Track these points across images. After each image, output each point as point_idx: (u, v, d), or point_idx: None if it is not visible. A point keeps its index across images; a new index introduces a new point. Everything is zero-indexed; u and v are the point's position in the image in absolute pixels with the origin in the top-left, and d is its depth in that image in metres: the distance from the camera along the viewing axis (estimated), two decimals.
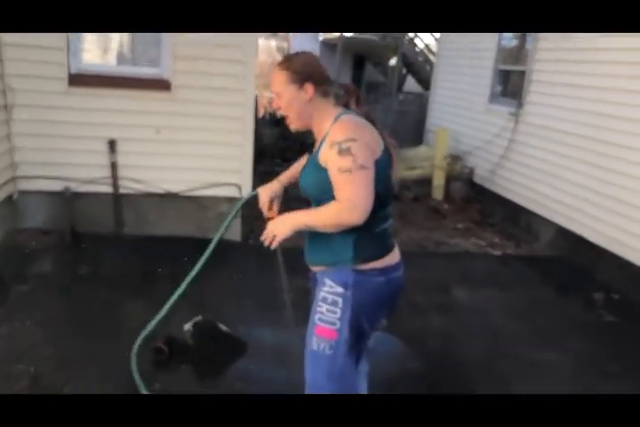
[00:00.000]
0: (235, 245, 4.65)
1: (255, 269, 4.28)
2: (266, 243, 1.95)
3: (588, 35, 4.77)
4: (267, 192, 2.22)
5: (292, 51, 21.55)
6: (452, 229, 6.03)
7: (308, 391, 2.10)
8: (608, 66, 4.68)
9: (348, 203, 1.75)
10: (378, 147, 1.86)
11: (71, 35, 4.21)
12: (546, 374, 3.14)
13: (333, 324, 1.94)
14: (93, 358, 2.92)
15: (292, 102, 1.90)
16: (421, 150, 7.92)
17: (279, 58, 10.07)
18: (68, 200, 4.46)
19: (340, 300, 1.94)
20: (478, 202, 6.71)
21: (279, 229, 1.91)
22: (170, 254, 4.40)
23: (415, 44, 14.75)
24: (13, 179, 4.37)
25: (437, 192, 6.95)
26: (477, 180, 6.84)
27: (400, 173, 7.18)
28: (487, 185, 6.61)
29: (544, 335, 3.64)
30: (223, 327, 3.15)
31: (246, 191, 4.68)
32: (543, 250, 5.45)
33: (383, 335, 3.36)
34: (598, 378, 3.14)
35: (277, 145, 8.36)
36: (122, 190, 4.57)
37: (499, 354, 3.36)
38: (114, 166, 4.50)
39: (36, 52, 4.19)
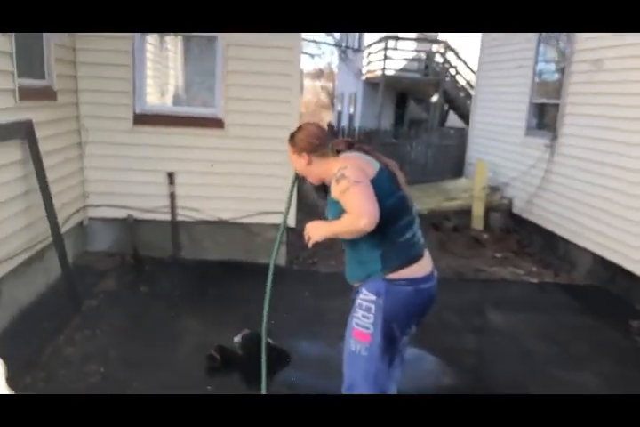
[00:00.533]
0: (280, 270, 4.96)
1: (298, 290, 4.58)
2: (306, 241, 2.28)
3: (617, 69, 5.00)
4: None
5: (337, 90, 22.11)
6: (491, 258, 6.18)
7: (344, 390, 2.36)
8: (638, 97, 4.86)
9: (355, 213, 2.06)
10: (370, 167, 2.20)
11: (137, 80, 4.74)
12: (575, 392, 3.26)
13: (367, 328, 2.22)
14: (153, 362, 3.27)
15: (299, 167, 2.37)
16: (461, 182, 8.15)
17: (323, 97, 10.67)
18: (130, 226, 4.91)
19: (372, 307, 2.22)
20: (517, 232, 6.85)
21: (314, 233, 2.24)
22: (221, 277, 4.76)
23: (457, 81, 15.10)
24: (84, 207, 4.86)
25: (477, 222, 7.12)
26: (516, 210, 6.99)
27: (440, 204, 7.44)
28: (525, 215, 6.76)
29: (577, 358, 3.75)
30: (269, 340, 3.42)
31: (292, 218, 5.02)
32: (581, 279, 5.54)
33: (420, 352, 3.59)
34: (620, 394, 3.25)
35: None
36: (179, 218, 4.99)
37: (530, 373, 3.51)
38: (172, 196, 4.94)
39: (106, 96, 4.73)
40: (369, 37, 16.74)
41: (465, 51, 14.79)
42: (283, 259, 5.16)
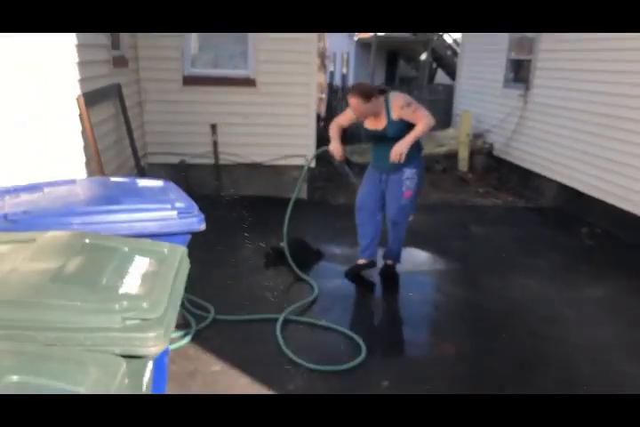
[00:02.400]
0: (303, 201, 6.18)
1: (319, 215, 5.83)
2: (396, 159, 3.67)
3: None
4: (337, 145, 3.78)
5: (328, 50, 22.88)
6: (475, 193, 7.43)
7: (393, 228, 4.04)
8: (601, 53, 5.93)
9: (428, 118, 3.66)
10: None
11: (184, 48, 5.81)
12: (532, 272, 4.53)
13: (411, 188, 3.90)
14: (222, 262, 4.51)
15: (364, 110, 3.71)
16: (449, 131, 9.33)
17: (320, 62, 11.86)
18: (182, 170, 6.07)
19: (416, 176, 3.87)
20: (497, 171, 8.08)
21: (402, 148, 3.66)
22: (258, 207, 5.97)
23: (444, 40, 16.02)
24: (145, 155, 6.01)
25: (462, 164, 8.33)
26: (496, 153, 8.20)
27: (431, 150, 8.61)
28: (504, 156, 7.97)
29: (536, 252, 5.04)
30: (306, 241, 4.68)
31: (312, 160, 6.20)
32: (546, 203, 6.82)
33: (417, 250, 4.87)
34: (570, 273, 4.54)
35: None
36: (221, 162, 6.16)
37: (498, 260, 4.79)
38: (215, 144, 6.10)
39: (161, 62, 5.81)
40: None
41: None
42: (304, 194, 6.36)
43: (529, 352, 3.27)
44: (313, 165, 6.20)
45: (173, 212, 2.08)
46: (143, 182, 2.69)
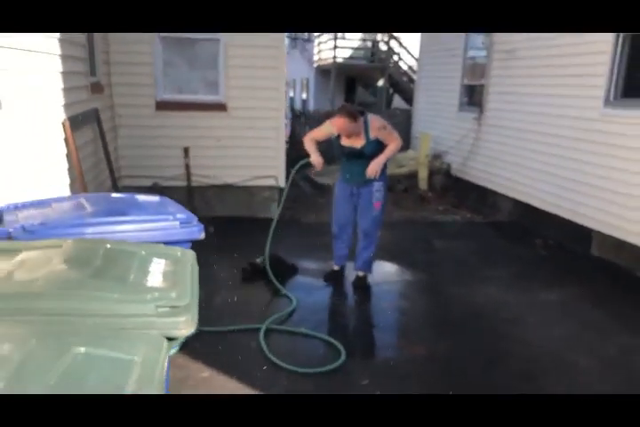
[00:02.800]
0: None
1: (291, 232, 6.08)
2: (372, 176, 4.08)
3: (527, 57, 6.64)
4: (318, 158, 4.08)
5: (288, 76, 23.47)
6: (435, 210, 7.82)
7: (365, 238, 4.38)
8: (545, 78, 6.45)
9: (399, 141, 4.10)
10: None
11: (157, 75, 6.05)
12: (492, 280, 4.88)
13: (380, 200, 4.24)
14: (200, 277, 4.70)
15: (352, 130, 4.09)
16: (409, 153, 9.79)
17: None
18: (157, 192, 6.23)
19: (382, 188, 4.22)
20: (455, 189, 8.52)
21: (378, 167, 4.07)
22: (231, 227, 6.17)
23: (400, 66, 16.72)
24: (119, 177, 6.16)
25: (422, 184, 8.75)
26: (453, 172, 8.66)
27: (392, 170, 9.01)
28: (461, 175, 8.43)
29: (493, 263, 5.40)
30: (282, 257, 4.91)
31: (282, 181, 6.47)
32: (502, 218, 7.26)
33: (385, 262, 5.17)
34: (526, 281, 4.91)
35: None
36: (193, 184, 6.36)
37: (460, 270, 5.12)
38: (187, 167, 6.30)
39: (134, 88, 6.03)
40: None
41: (406, 38, 16.40)
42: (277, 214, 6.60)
43: (492, 350, 3.57)
44: (284, 185, 6.48)
45: (175, 222, 2.31)
46: (142, 197, 2.90)
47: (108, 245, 1.90)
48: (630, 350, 3.63)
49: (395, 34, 16.50)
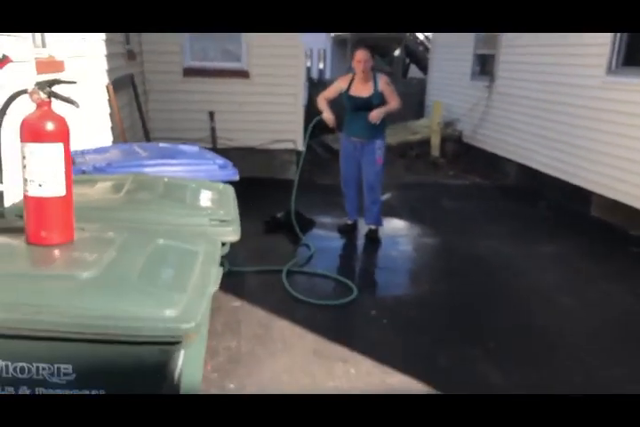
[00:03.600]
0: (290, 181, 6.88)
1: (310, 191, 6.51)
2: (374, 120, 4.45)
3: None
4: (329, 114, 4.49)
5: (306, 46, 23.54)
6: (446, 175, 8.20)
7: (371, 192, 4.81)
8: (551, 48, 6.73)
9: (398, 99, 4.43)
10: None
11: (184, 43, 6.43)
12: (495, 235, 5.30)
13: (381, 156, 4.60)
14: None
15: (369, 64, 4.58)
16: (422, 121, 10.11)
17: None
18: None
19: (383, 146, 4.60)
20: (466, 155, 8.86)
21: (380, 114, 4.46)
22: (252, 187, 6.59)
23: (416, 37, 16.81)
24: (152, 139, 6.61)
25: (434, 150, 9.10)
26: (465, 139, 9.00)
27: (406, 137, 9.37)
28: (471, 142, 8.77)
29: (496, 221, 5.81)
30: (301, 212, 5.37)
31: (300, 145, 6.89)
32: (510, 182, 7.63)
33: (394, 219, 5.61)
34: (526, 235, 5.32)
35: None
36: (219, 146, 6.80)
37: (466, 226, 5.54)
38: (213, 130, 6.74)
39: (163, 56, 6.43)
40: None
41: None
42: (294, 175, 7.04)
43: (491, 290, 4.03)
44: (301, 149, 6.89)
45: (215, 166, 2.76)
46: (184, 147, 3.34)
47: (166, 179, 2.36)
48: (608, 293, 4.06)
49: None
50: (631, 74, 5.44)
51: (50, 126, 1.53)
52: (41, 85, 1.56)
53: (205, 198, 2.22)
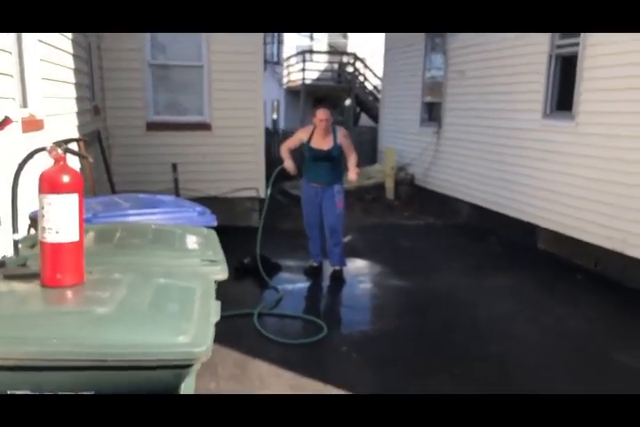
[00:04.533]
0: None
1: (271, 236, 6.74)
2: (354, 181, 4.94)
3: (476, 76, 7.51)
4: (290, 163, 4.84)
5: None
6: (401, 217, 8.59)
7: (333, 235, 5.04)
8: (491, 95, 7.33)
9: (354, 150, 4.77)
10: None
11: (147, 99, 6.71)
12: (449, 270, 5.62)
13: (341, 200, 4.86)
14: None
15: (329, 122, 4.90)
16: (376, 166, 10.62)
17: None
18: None
19: (342, 190, 4.89)
20: (418, 197, 9.32)
21: (356, 175, 4.86)
22: (217, 236, 6.80)
23: (365, 87, 17.68)
24: (115, 192, 6.75)
25: (389, 193, 9.53)
26: (417, 182, 9.48)
27: (362, 182, 9.78)
28: (423, 185, 9.25)
29: (451, 257, 6.15)
30: (267, 257, 5.57)
31: (262, 192, 7.15)
32: (461, 221, 8.06)
33: (358, 259, 5.88)
34: (479, 270, 5.66)
35: None
36: (182, 196, 6.97)
37: (422, 263, 5.85)
38: (176, 181, 6.93)
39: (126, 111, 6.67)
40: (287, 51, 19.12)
41: (371, 60, 17.41)
42: (257, 222, 7.27)
43: (451, 322, 4.29)
44: (264, 196, 7.16)
45: (194, 213, 2.97)
46: (161, 197, 3.55)
47: (153, 226, 2.56)
48: (561, 319, 4.38)
49: (359, 56, 17.50)
50: (563, 117, 6.01)
51: (66, 179, 1.73)
52: (58, 143, 1.77)
53: (192, 242, 2.42)
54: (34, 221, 2.83)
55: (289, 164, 5.01)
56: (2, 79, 2.97)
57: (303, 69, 16.96)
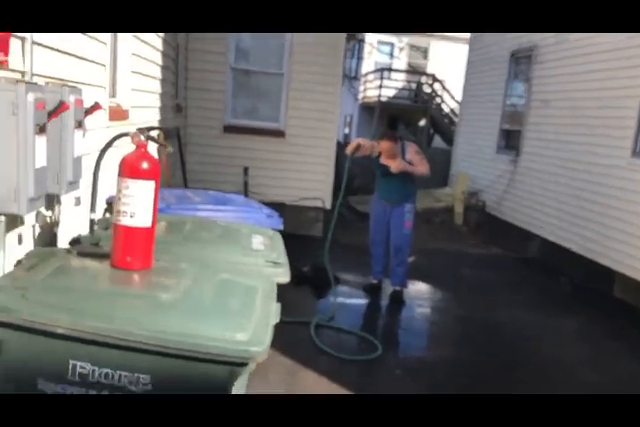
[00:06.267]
0: (319, 239, 7.01)
1: (333, 251, 6.63)
2: (395, 171, 4.56)
3: (561, 107, 7.21)
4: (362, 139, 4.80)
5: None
6: (468, 244, 8.31)
7: (397, 254, 4.87)
8: (577, 128, 7.01)
9: (427, 167, 4.59)
10: None
11: (227, 101, 6.82)
12: (514, 304, 5.33)
13: (411, 219, 4.71)
14: None
15: (395, 150, 4.69)
16: (446, 189, 10.38)
17: None
18: None
19: (413, 209, 4.74)
20: (488, 225, 9.00)
21: (402, 165, 4.57)
22: None
23: (442, 109, 17.45)
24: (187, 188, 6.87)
25: (458, 218, 9.27)
26: (488, 209, 9.16)
27: (431, 204, 9.58)
28: (494, 213, 8.93)
29: (517, 291, 5.85)
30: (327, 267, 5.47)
31: (328, 203, 7.10)
32: (531, 254, 7.69)
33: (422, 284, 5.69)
34: (545, 308, 5.34)
35: None
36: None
37: (486, 294, 5.59)
38: (246, 184, 6.98)
39: (206, 112, 6.80)
40: (366, 67, 19.20)
41: (450, 82, 17.18)
42: (320, 233, 7.22)
43: (512, 359, 4.03)
44: (329, 207, 7.11)
45: (263, 215, 2.93)
46: (231, 195, 3.54)
47: (222, 223, 2.52)
48: (637, 373, 4.02)
49: (438, 77, 17.32)
50: None
51: (146, 165, 1.72)
52: (141, 130, 1.75)
53: (258, 242, 2.36)
54: (110, 205, 2.86)
55: (361, 140, 4.80)
56: (96, 68, 3.06)
57: (380, 86, 16.93)
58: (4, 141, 1.63)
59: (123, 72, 3.70)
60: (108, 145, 2.08)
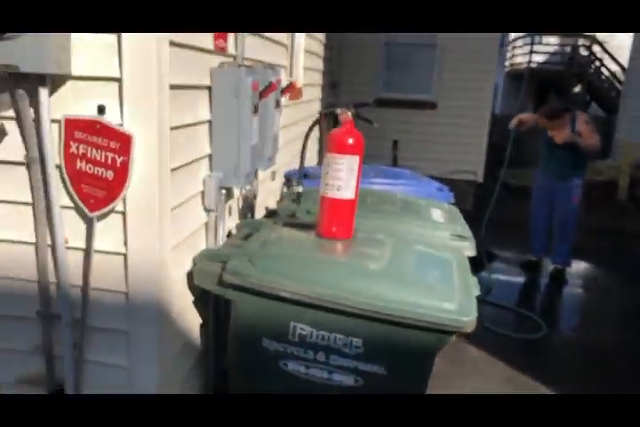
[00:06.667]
0: (468, 212, 6.86)
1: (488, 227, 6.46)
2: (559, 141, 4.34)
3: None
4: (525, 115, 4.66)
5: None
6: (635, 221, 7.62)
7: (562, 230, 4.68)
8: None
9: (597, 140, 4.28)
10: None
11: (378, 75, 6.83)
12: None
13: (578, 195, 4.45)
14: None
15: (565, 124, 4.43)
16: (607, 162, 9.59)
17: None
18: None
19: (580, 186, 4.51)
20: None
21: (568, 136, 4.31)
22: None
23: (601, 73, 15.96)
24: None
25: (622, 193, 8.54)
26: None
27: (591, 177, 8.91)
28: None
29: None
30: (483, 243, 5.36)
31: (480, 176, 6.89)
32: None
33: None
34: None
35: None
36: None
37: None
38: (395, 158, 6.99)
39: (357, 87, 6.88)
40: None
41: (611, 44, 15.61)
42: (471, 206, 7.04)
43: None
44: (481, 180, 6.90)
45: (433, 188, 2.94)
46: (398, 169, 3.60)
47: (399, 196, 2.58)
48: None
49: (599, 38, 15.81)
50: None
51: (351, 141, 1.81)
52: (348, 107, 1.84)
53: (437, 215, 2.39)
54: (288, 180, 3.04)
55: (523, 115, 4.70)
56: (281, 49, 3.25)
57: (531, 52, 15.86)
58: (228, 122, 1.81)
59: (297, 51, 3.86)
60: (316, 122, 2.21)
